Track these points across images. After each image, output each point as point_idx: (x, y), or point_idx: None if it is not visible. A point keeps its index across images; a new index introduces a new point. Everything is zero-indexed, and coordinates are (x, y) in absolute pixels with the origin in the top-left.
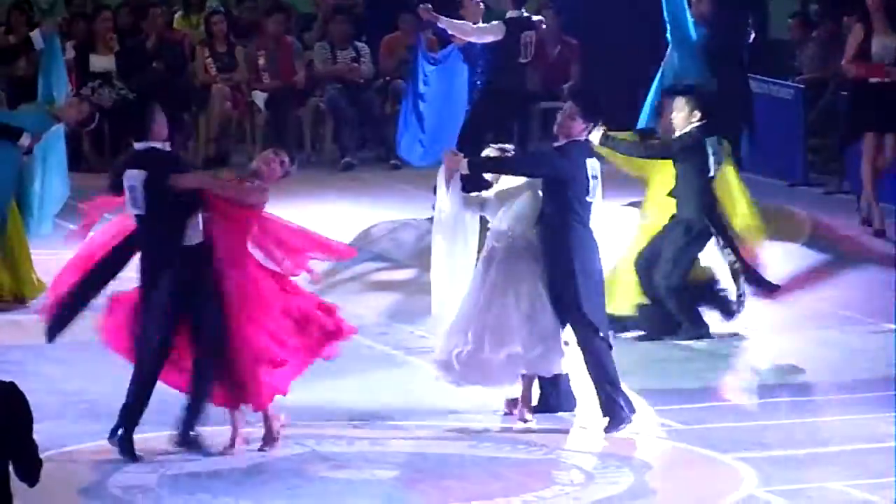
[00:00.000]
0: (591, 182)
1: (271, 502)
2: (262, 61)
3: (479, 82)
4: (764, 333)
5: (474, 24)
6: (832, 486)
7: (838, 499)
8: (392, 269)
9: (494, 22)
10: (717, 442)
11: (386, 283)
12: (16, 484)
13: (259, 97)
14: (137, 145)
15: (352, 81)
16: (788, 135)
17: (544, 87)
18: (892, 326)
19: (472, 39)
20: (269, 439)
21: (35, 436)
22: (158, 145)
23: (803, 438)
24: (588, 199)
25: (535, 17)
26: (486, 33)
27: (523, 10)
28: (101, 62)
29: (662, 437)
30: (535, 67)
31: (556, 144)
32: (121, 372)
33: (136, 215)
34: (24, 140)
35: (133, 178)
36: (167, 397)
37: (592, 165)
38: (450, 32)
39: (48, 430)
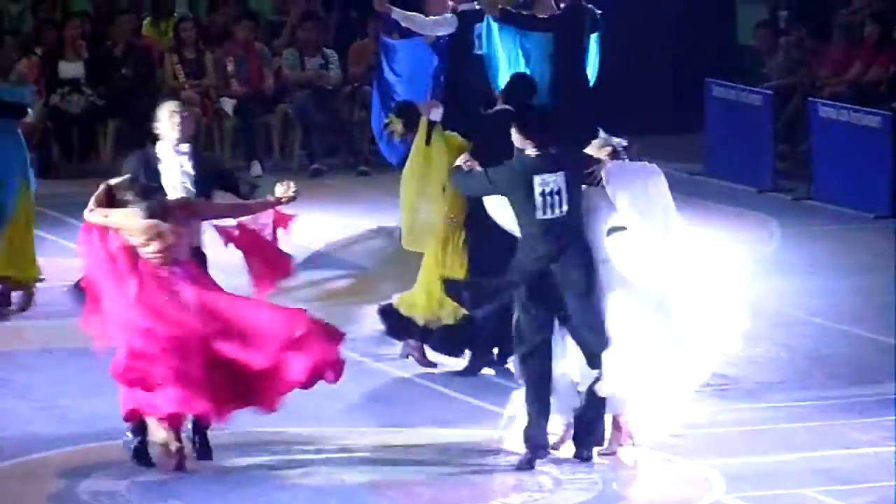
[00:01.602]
0: (542, 199)
1: None
2: (230, 68)
3: (441, 77)
4: (732, 338)
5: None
6: (802, 492)
7: None
8: (361, 277)
9: (447, 14)
10: (686, 448)
11: (353, 290)
12: None
13: (228, 104)
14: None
15: (320, 88)
16: (757, 141)
17: None
18: (863, 333)
19: (426, 32)
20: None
21: (5, 442)
22: None
23: (773, 445)
24: (540, 216)
25: None
26: (438, 26)
27: (475, 3)
28: (69, 69)
29: (632, 443)
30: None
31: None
32: (91, 379)
33: None
34: (26, 116)
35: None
36: None
37: (547, 180)
38: (403, 25)
39: (18, 436)
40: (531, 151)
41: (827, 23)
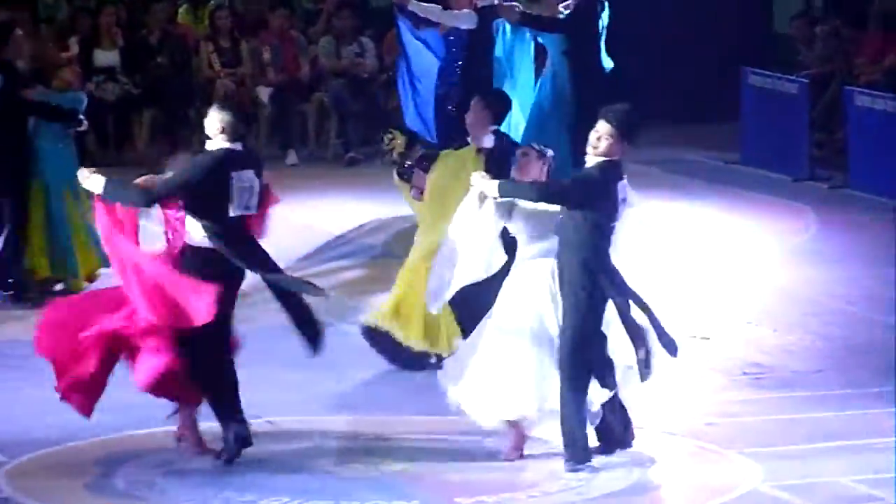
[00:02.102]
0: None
1: (276, 497)
2: (266, 56)
3: (457, 70)
4: (767, 328)
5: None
6: (837, 480)
7: (843, 494)
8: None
9: (465, 10)
10: (721, 437)
11: (388, 279)
12: (32, 480)
13: (263, 92)
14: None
15: (356, 76)
16: (793, 129)
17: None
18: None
19: (447, 23)
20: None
21: (43, 431)
22: None
23: (808, 433)
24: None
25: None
26: (458, 19)
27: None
28: (105, 57)
29: (667, 432)
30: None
31: (589, 166)
32: (126, 368)
33: None
34: (81, 125)
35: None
36: None
37: (623, 187)
38: (420, 15)
39: (54, 424)
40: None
41: (863, 11)
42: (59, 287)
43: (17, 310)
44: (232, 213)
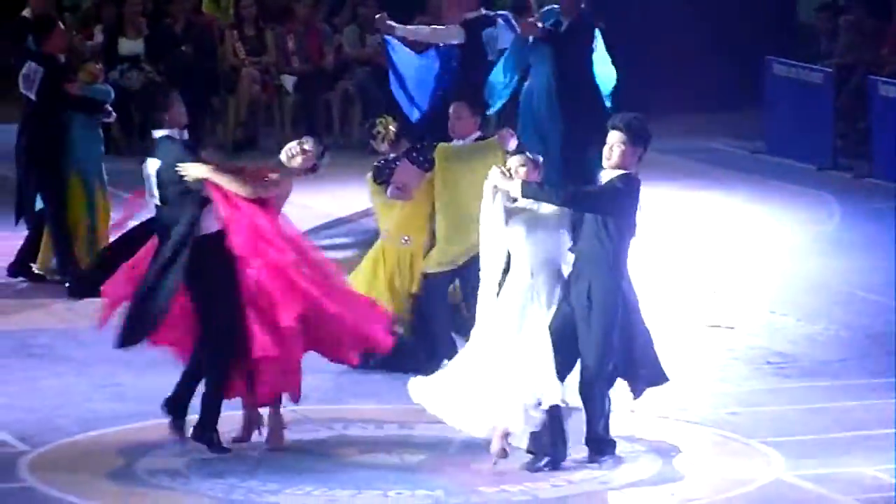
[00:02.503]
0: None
1: (299, 486)
2: (291, 45)
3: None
4: (791, 319)
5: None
6: (860, 470)
7: (866, 483)
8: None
9: (451, 26)
10: (744, 426)
11: None
12: (55, 469)
13: (288, 81)
14: (155, 133)
15: (381, 65)
16: (818, 119)
17: None
18: None
19: (433, 41)
20: (272, 437)
21: (66, 420)
22: (175, 133)
23: (831, 423)
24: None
25: (498, 12)
26: (445, 37)
27: (481, 9)
28: (129, 46)
29: (691, 421)
30: None
31: (610, 178)
32: (149, 356)
33: (154, 205)
34: (110, 117)
35: (149, 166)
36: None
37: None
38: (410, 39)
39: (76, 413)
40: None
41: (887, 2)
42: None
43: (38, 298)
44: None
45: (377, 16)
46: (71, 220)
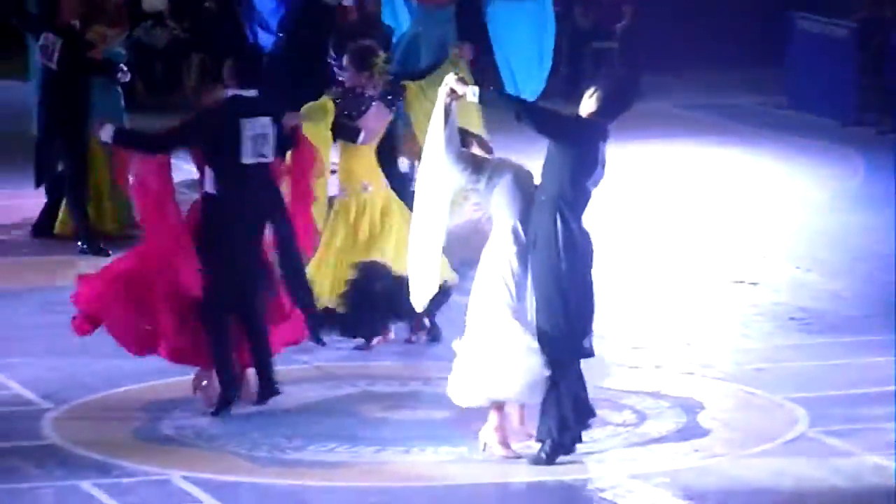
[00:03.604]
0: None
1: (324, 442)
2: None
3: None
4: (815, 275)
5: None
6: (885, 426)
7: (891, 439)
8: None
9: None
10: (769, 382)
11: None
12: (79, 427)
13: None
14: (233, 92)
15: None
16: (842, 74)
17: (596, 26)
18: None
19: None
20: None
21: (89, 377)
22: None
23: (856, 378)
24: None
25: None
26: None
27: None
28: (153, 3)
29: (715, 377)
30: (587, 6)
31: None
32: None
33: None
34: (125, 76)
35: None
36: None
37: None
38: None
39: (103, 370)
40: None
41: None
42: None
43: (61, 256)
44: (245, 161)
45: None
46: (93, 182)
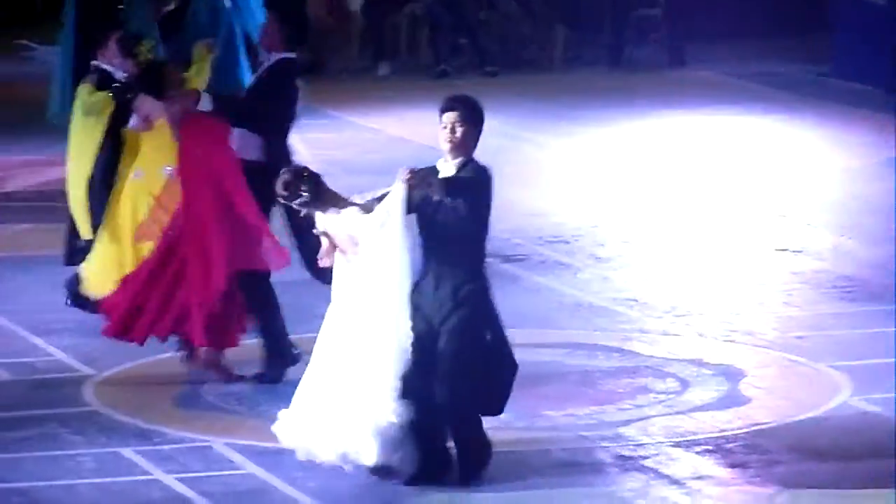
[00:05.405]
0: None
1: None
2: None
3: None
4: (858, 243)
5: None
6: None
7: None
8: None
9: None
10: (811, 350)
11: None
12: (120, 393)
13: (356, 3)
14: None
15: None
16: (885, 41)
17: None
18: None
19: None
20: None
21: (128, 345)
22: None
23: None
24: None
25: None
26: None
27: None
28: None
29: (758, 345)
30: None
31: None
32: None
33: None
34: None
35: None
36: None
37: None
38: None
39: None
40: None
41: None
42: None
43: None
44: None
45: None
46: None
